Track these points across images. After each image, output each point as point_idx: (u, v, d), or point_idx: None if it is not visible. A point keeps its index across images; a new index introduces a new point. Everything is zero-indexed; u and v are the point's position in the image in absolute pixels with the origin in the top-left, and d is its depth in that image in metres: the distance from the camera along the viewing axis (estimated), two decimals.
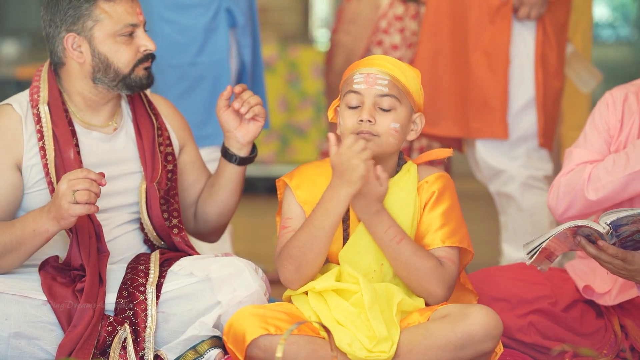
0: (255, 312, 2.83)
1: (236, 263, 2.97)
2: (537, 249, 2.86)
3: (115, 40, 3.05)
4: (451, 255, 2.92)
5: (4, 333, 2.84)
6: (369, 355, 2.78)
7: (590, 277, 3.25)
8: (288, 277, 2.90)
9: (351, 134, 2.89)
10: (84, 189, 2.81)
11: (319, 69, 7.20)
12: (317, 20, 8.95)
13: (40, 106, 3.06)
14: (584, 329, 3.21)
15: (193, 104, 4.15)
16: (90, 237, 2.97)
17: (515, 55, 4.07)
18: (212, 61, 4.16)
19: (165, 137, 3.19)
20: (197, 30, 4.14)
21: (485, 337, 2.81)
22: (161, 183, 3.12)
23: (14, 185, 3.01)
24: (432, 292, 2.90)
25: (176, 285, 2.96)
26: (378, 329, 2.81)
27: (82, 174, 2.84)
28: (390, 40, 4.69)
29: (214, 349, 2.92)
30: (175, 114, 3.30)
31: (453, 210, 2.96)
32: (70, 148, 3.03)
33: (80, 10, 3.03)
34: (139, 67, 3.09)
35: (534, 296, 3.22)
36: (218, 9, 4.15)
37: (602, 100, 3.29)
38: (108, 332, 2.89)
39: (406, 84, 2.93)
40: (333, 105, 3.04)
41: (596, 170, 3.17)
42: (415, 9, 4.71)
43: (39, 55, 8.43)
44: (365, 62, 2.96)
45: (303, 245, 2.87)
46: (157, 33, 4.10)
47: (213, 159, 4.18)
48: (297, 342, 2.80)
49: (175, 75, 4.16)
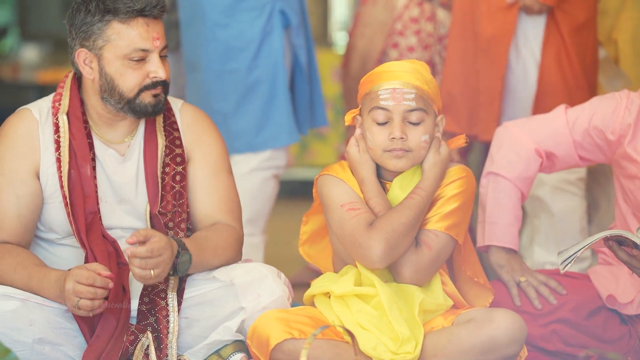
0: (279, 316, 2.83)
1: (260, 269, 2.97)
2: (572, 257, 2.85)
3: (123, 63, 2.94)
4: (433, 240, 2.91)
5: (28, 339, 2.84)
6: (394, 358, 2.78)
7: (614, 286, 3.23)
8: (383, 252, 2.86)
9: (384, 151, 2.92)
10: (88, 298, 2.76)
11: (337, 72, 7.19)
12: (336, 24, 8.94)
13: (59, 115, 3.01)
14: (608, 335, 3.20)
15: (250, 109, 4.12)
16: (110, 253, 2.94)
17: (520, 58, 4.04)
18: (269, 64, 4.11)
19: (175, 154, 3.08)
20: (252, 34, 4.10)
21: (510, 341, 2.81)
22: (166, 206, 3.04)
23: (33, 193, 2.98)
24: (399, 271, 2.91)
25: (199, 291, 2.96)
26: (400, 330, 2.81)
27: (87, 280, 2.75)
28: (407, 42, 4.67)
29: (238, 353, 2.92)
30: (194, 125, 3.14)
31: (461, 198, 2.96)
32: (87, 163, 2.99)
33: (92, 28, 2.94)
34: (146, 93, 2.97)
35: (554, 306, 3.21)
36: (272, 11, 4.11)
37: (613, 97, 3.26)
38: (130, 341, 2.88)
39: (429, 91, 2.93)
40: (352, 112, 3.03)
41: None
42: (431, 10, 4.69)
43: (60, 60, 8.46)
44: (387, 74, 2.95)
45: (409, 223, 2.87)
46: (211, 39, 4.10)
47: (271, 166, 4.19)
48: (321, 346, 2.80)
49: (233, 81, 4.11)
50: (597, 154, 3.27)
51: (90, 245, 2.94)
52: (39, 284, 2.85)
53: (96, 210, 2.98)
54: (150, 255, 2.78)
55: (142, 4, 2.94)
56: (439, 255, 2.93)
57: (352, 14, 8.94)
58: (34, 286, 2.85)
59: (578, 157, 3.28)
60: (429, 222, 2.93)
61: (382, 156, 2.93)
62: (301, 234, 3.11)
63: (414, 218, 2.88)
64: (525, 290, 3.22)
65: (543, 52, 4.00)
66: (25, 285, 2.86)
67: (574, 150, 3.27)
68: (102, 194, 3.02)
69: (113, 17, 2.93)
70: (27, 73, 8.40)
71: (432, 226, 2.93)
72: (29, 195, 2.97)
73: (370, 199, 2.94)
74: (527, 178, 3.29)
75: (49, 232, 3.03)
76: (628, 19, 4.19)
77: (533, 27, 4.02)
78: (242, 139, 4.10)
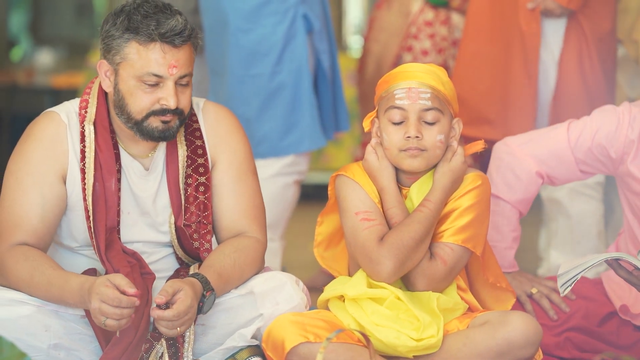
0: (295, 320, 2.83)
1: (278, 277, 2.95)
2: (572, 280, 2.83)
3: (136, 84, 2.89)
4: (448, 255, 2.90)
5: (44, 344, 2.83)
6: (418, 344, 2.78)
7: (626, 295, 3.21)
8: (393, 268, 2.85)
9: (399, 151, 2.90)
10: (114, 319, 2.72)
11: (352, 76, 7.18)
12: (350, 27, 8.95)
13: (86, 124, 2.96)
14: (622, 341, 3.20)
15: (274, 114, 4.12)
16: (133, 265, 2.92)
17: (542, 61, 4.03)
18: (292, 69, 4.11)
19: (198, 165, 3.03)
20: (275, 39, 4.09)
21: (525, 343, 2.81)
22: (190, 218, 3.01)
23: (59, 197, 2.94)
24: (413, 283, 2.91)
25: (218, 300, 2.92)
26: (421, 315, 2.81)
27: (114, 302, 2.70)
28: (421, 45, 4.67)
29: (254, 357, 2.91)
30: (217, 126, 3.09)
31: (476, 209, 2.94)
32: (113, 177, 2.95)
33: (113, 42, 2.89)
34: (154, 118, 2.91)
35: (567, 315, 3.21)
36: (295, 16, 4.11)
37: (614, 112, 3.21)
38: (145, 349, 2.87)
39: (445, 93, 2.92)
40: (369, 116, 3.02)
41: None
42: (445, 14, 4.69)
43: (75, 64, 8.49)
44: (403, 75, 2.95)
45: (419, 238, 2.87)
46: (234, 44, 4.10)
47: (293, 172, 4.18)
48: (336, 350, 2.79)
49: (255, 86, 4.11)
50: (599, 169, 3.25)
51: (110, 261, 2.91)
52: (60, 292, 2.81)
53: (116, 225, 2.96)
54: (176, 319, 2.76)
55: (164, 29, 2.87)
56: (453, 268, 2.92)
57: (366, 17, 8.94)
58: (54, 293, 2.82)
59: (580, 172, 3.26)
60: (444, 235, 2.92)
61: (397, 156, 2.92)
62: (316, 234, 3.10)
63: (423, 232, 2.87)
64: (539, 302, 3.22)
65: (563, 55, 3.99)
66: (46, 291, 2.83)
67: (576, 167, 3.25)
68: (125, 207, 2.99)
69: (133, 37, 2.87)
70: (41, 77, 8.42)
71: (448, 239, 2.91)
72: (55, 199, 2.94)
73: (389, 209, 2.93)
74: (527, 200, 3.28)
75: (68, 239, 3.01)
76: None
77: (554, 31, 4.02)
78: (266, 144, 4.10)
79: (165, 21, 2.87)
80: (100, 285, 2.73)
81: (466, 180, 2.96)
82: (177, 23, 2.88)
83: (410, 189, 2.97)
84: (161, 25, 2.87)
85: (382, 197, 2.95)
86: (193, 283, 2.82)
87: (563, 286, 2.83)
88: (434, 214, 2.89)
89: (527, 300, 3.22)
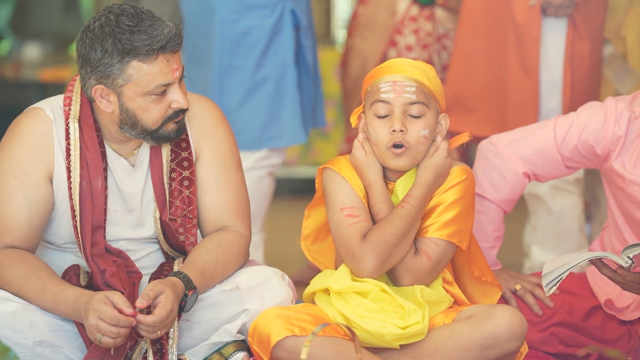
0: (280, 314, 2.83)
1: (264, 272, 2.95)
2: (557, 279, 2.84)
3: (145, 99, 2.85)
4: (433, 250, 2.91)
5: (29, 341, 2.81)
6: (404, 332, 2.79)
7: (611, 289, 3.22)
8: (375, 266, 2.86)
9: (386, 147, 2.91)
10: (111, 337, 2.72)
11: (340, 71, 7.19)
12: (338, 22, 8.94)
13: (70, 122, 2.92)
14: (607, 336, 3.20)
15: (255, 106, 4.12)
16: (119, 265, 2.92)
17: (545, 57, 4.04)
18: (277, 63, 4.11)
19: (182, 159, 3.01)
20: (262, 32, 4.09)
21: (510, 337, 2.81)
22: (175, 212, 2.99)
23: (45, 197, 2.91)
24: (398, 278, 2.91)
25: (202, 295, 2.92)
26: (405, 303, 2.82)
27: (111, 320, 2.70)
28: (405, 41, 4.66)
29: (240, 352, 2.91)
30: (201, 117, 3.06)
31: (461, 203, 2.94)
32: (100, 175, 2.93)
33: (111, 69, 2.82)
34: (169, 123, 2.90)
35: (551, 310, 3.22)
36: (283, 10, 4.11)
37: (601, 109, 3.22)
38: (130, 346, 2.86)
39: (431, 88, 2.93)
40: (356, 112, 3.03)
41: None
42: (430, 10, 4.67)
43: (62, 58, 8.48)
44: (388, 69, 2.95)
45: (401, 235, 2.87)
46: (220, 34, 4.09)
47: (266, 165, 4.18)
48: (322, 343, 2.80)
49: (238, 77, 4.11)
50: (585, 164, 3.26)
51: (96, 262, 2.90)
52: (55, 299, 2.80)
53: (102, 224, 2.94)
54: (157, 324, 2.75)
55: (162, 41, 2.82)
56: (438, 264, 2.93)
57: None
58: (48, 299, 2.81)
59: (565, 167, 3.27)
60: (429, 229, 2.93)
61: (384, 154, 2.92)
62: (303, 228, 3.10)
63: (405, 228, 2.87)
64: (523, 298, 3.23)
65: (565, 55, 4.01)
66: (39, 296, 2.81)
67: (562, 164, 3.25)
68: (112, 204, 2.97)
69: (132, 58, 2.82)
70: (29, 71, 8.40)
71: (433, 234, 2.92)
72: (41, 200, 2.91)
73: (376, 205, 2.94)
74: (512, 200, 3.28)
75: (53, 236, 2.99)
76: (636, 15, 4.19)
77: (555, 28, 4.03)
78: (244, 136, 4.09)
79: (157, 31, 2.83)
80: (99, 302, 2.73)
81: (451, 174, 2.96)
82: (169, 29, 2.84)
83: (396, 183, 2.98)
84: (155, 37, 2.82)
85: (369, 192, 2.95)
86: (174, 284, 2.81)
87: (548, 285, 2.84)
88: (417, 210, 2.90)
89: (511, 296, 3.23)
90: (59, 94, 3.04)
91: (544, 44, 4.02)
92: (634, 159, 3.12)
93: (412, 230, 2.90)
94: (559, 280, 2.83)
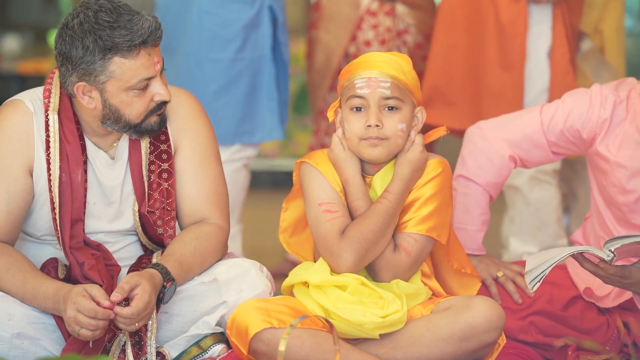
0: (258, 306, 2.84)
1: (242, 264, 2.96)
2: (540, 276, 2.84)
3: (128, 93, 2.85)
4: (412, 245, 2.92)
5: (7, 333, 2.81)
6: (384, 320, 2.80)
7: (591, 278, 3.23)
8: (353, 262, 2.87)
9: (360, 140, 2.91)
10: (89, 329, 2.72)
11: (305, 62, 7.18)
12: None
13: (50, 114, 2.91)
14: (586, 325, 3.22)
15: (231, 100, 4.10)
16: (97, 258, 2.91)
17: (532, 49, 4.05)
18: (254, 58, 4.10)
19: (160, 151, 3.01)
20: (239, 25, 4.08)
21: (488, 328, 2.82)
22: (154, 205, 2.99)
23: (25, 190, 2.91)
24: (377, 274, 2.93)
25: (180, 287, 2.92)
26: (384, 293, 2.83)
27: (90, 313, 2.70)
28: (364, 36, 4.62)
29: (218, 344, 2.91)
30: (181, 111, 3.06)
31: (439, 197, 2.95)
32: (79, 168, 2.92)
33: (93, 66, 2.81)
34: (152, 116, 2.91)
35: (531, 299, 3.23)
36: (262, 6, 4.11)
37: (585, 94, 3.24)
38: (108, 339, 2.86)
39: (407, 82, 2.93)
40: (333, 106, 3.03)
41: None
42: (390, 5, 4.63)
43: (42, 51, 8.44)
44: (364, 64, 2.95)
45: (379, 231, 2.87)
46: (197, 25, 4.07)
47: (241, 158, 4.17)
48: (300, 335, 2.80)
49: (215, 70, 4.09)
50: (571, 149, 3.28)
51: (75, 255, 2.90)
52: (34, 292, 2.80)
53: (81, 217, 2.94)
54: (134, 317, 2.75)
55: (143, 36, 2.82)
56: (417, 259, 2.94)
57: None
58: (28, 291, 2.81)
59: (552, 153, 3.28)
60: (407, 224, 2.93)
61: (358, 145, 2.93)
62: (281, 220, 3.10)
63: (383, 224, 2.88)
64: (504, 285, 3.24)
65: (552, 47, 4.02)
66: (19, 288, 2.81)
67: (548, 149, 3.27)
68: (91, 197, 2.96)
69: (114, 54, 2.81)
70: (8, 63, 8.36)
71: (412, 229, 2.92)
72: (21, 192, 2.90)
73: (354, 201, 2.94)
74: (498, 184, 3.30)
75: (31, 228, 2.98)
76: (614, 9, 4.23)
77: (541, 21, 4.04)
78: (218, 130, 4.07)
79: (137, 26, 2.82)
80: (77, 294, 2.73)
81: (428, 168, 2.97)
82: (149, 23, 2.84)
83: (373, 177, 2.98)
84: (136, 32, 2.81)
85: (347, 188, 2.96)
86: (152, 275, 2.81)
87: (531, 283, 2.84)
88: (395, 206, 2.90)
89: (492, 283, 3.24)
90: (38, 86, 3.02)
91: (528, 37, 4.03)
92: (619, 141, 3.15)
93: (391, 226, 2.90)
94: (542, 277, 2.83)
